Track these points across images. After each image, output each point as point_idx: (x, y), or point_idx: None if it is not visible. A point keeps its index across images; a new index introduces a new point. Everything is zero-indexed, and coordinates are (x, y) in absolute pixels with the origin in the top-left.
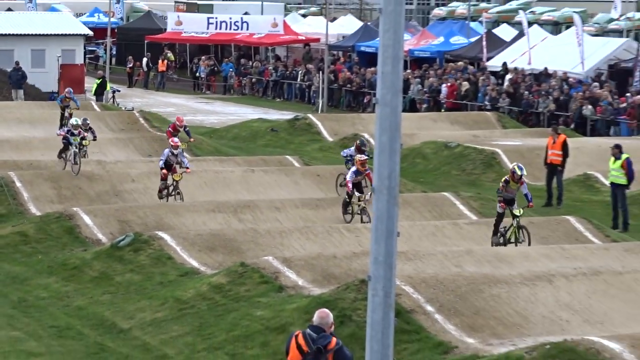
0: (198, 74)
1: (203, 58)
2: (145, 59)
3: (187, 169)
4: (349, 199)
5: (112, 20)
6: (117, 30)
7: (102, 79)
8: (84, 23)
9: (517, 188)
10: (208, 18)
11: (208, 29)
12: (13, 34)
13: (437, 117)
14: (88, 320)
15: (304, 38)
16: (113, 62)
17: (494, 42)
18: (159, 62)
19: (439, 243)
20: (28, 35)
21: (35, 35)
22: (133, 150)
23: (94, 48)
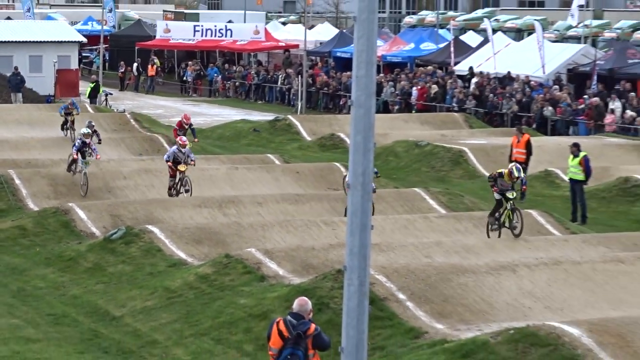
0: (185, 78)
1: (190, 63)
2: (136, 64)
3: (192, 162)
4: None
5: (104, 28)
6: (109, 38)
7: (95, 83)
8: (79, 31)
9: (511, 184)
10: (194, 26)
11: (194, 36)
12: (12, 41)
13: (408, 117)
14: (83, 309)
15: (284, 44)
16: (106, 67)
17: (461, 48)
18: (149, 67)
19: (410, 235)
20: (26, 42)
21: (33, 42)
22: (125, 150)
23: (88, 54)
